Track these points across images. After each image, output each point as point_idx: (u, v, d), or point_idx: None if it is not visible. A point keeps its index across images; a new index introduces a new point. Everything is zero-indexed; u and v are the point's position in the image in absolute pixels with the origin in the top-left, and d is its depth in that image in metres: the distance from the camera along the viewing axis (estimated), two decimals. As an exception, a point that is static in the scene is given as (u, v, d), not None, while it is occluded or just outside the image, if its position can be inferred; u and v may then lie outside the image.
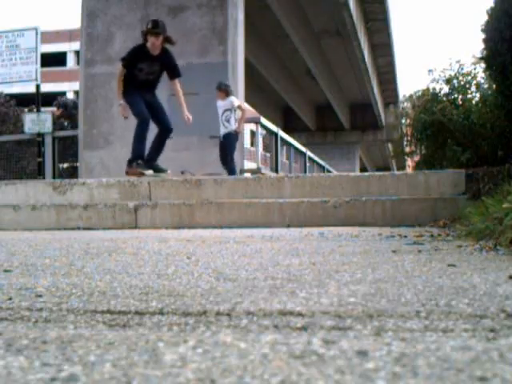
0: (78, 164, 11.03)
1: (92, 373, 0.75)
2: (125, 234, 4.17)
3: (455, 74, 7.70)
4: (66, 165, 12.40)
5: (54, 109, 24.93)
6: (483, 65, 6.27)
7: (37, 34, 9.92)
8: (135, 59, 6.43)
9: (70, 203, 5.63)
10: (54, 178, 10.05)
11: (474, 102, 7.44)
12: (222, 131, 8.76)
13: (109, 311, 1.19)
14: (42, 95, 10.40)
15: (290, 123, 34.15)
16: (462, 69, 7.69)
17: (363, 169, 46.00)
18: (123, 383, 0.71)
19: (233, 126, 8.66)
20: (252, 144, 11.74)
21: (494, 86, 5.90)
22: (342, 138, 36.65)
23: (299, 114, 32.80)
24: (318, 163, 18.78)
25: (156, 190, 5.77)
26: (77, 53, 34.43)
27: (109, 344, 0.91)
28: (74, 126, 19.29)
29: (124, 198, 5.80)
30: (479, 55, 6.03)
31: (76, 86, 17.77)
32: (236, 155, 10.46)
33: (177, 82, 6.80)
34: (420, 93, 8.25)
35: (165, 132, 6.73)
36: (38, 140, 10.15)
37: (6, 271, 1.91)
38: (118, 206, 5.41)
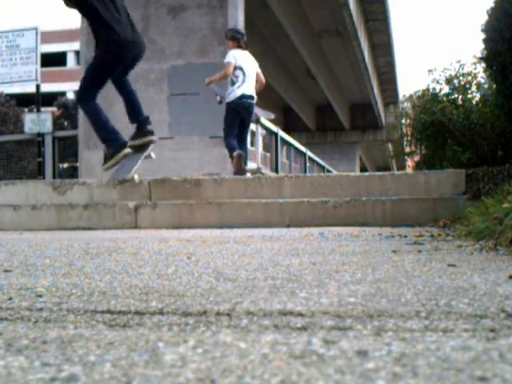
0: (77, 164, 11.04)
1: (92, 373, 0.75)
2: (125, 234, 4.17)
3: (456, 74, 7.70)
4: (66, 165, 12.40)
5: (54, 109, 24.95)
6: (483, 65, 6.28)
7: (37, 34, 9.92)
8: None
9: (70, 203, 5.63)
10: (54, 177, 10.05)
11: (474, 102, 7.45)
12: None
13: (109, 311, 1.19)
14: (42, 95, 10.40)
15: (290, 123, 34.17)
16: (463, 68, 7.70)
17: (363, 169, 46.01)
18: (123, 383, 0.71)
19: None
20: (252, 144, 11.74)
21: (494, 86, 5.91)
22: (342, 138, 36.68)
23: (299, 114, 32.82)
24: (318, 163, 18.78)
25: (156, 190, 5.77)
26: (77, 53, 34.47)
27: (109, 344, 0.91)
28: (74, 126, 19.30)
29: (124, 197, 5.80)
30: (479, 55, 6.04)
31: (76, 86, 17.77)
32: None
33: None
34: (420, 93, 8.26)
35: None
36: (37, 140, 10.15)
37: (6, 271, 1.91)
38: (117, 205, 5.41)
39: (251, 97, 6.65)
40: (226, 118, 6.73)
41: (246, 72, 6.59)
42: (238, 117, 6.65)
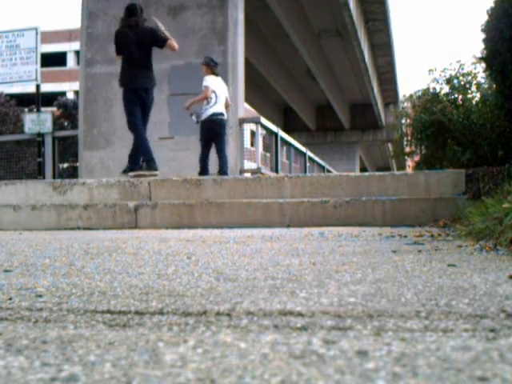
0: (78, 164, 11.03)
1: (92, 373, 0.75)
2: (125, 234, 4.17)
3: (456, 74, 7.70)
4: (65, 165, 12.38)
5: (54, 109, 24.95)
6: (483, 65, 6.27)
7: (37, 33, 9.92)
8: None
9: (70, 203, 5.63)
10: (54, 177, 10.05)
11: (474, 102, 7.45)
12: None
13: (109, 311, 1.19)
14: (42, 95, 10.40)
15: (290, 123, 34.15)
16: (463, 68, 7.69)
17: (363, 169, 45.98)
18: (123, 383, 0.71)
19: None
20: (252, 144, 11.73)
21: (494, 85, 5.90)
22: (342, 138, 36.65)
23: (299, 114, 32.80)
24: (318, 163, 18.76)
25: (156, 190, 5.77)
26: (77, 53, 34.44)
27: (109, 344, 0.91)
28: (74, 126, 19.30)
29: (124, 197, 5.80)
30: (479, 55, 6.03)
31: (76, 85, 17.75)
32: (236, 155, 10.47)
33: None
34: (420, 93, 8.25)
35: None
36: (38, 140, 10.15)
37: (6, 271, 1.91)
38: (118, 206, 5.41)
39: (221, 114, 7.95)
40: (201, 135, 8.02)
41: (218, 95, 7.90)
42: (210, 133, 7.93)
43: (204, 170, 7.99)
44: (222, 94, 7.97)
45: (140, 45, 6.77)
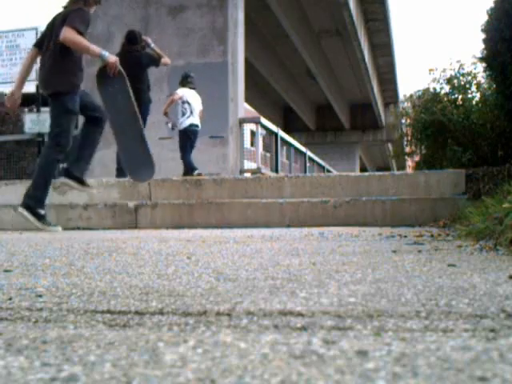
0: (77, 164, 10.99)
1: (92, 373, 0.75)
2: (125, 234, 4.17)
3: (456, 74, 7.71)
4: (66, 165, 12.38)
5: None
6: (484, 64, 6.27)
7: (37, 34, 9.91)
8: None
9: (70, 203, 5.63)
10: (54, 178, 10.03)
11: (474, 102, 7.45)
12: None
13: (109, 311, 1.19)
14: (42, 95, 10.39)
15: (290, 123, 34.17)
16: (463, 68, 7.70)
17: (363, 169, 45.99)
18: (123, 383, 0.71)
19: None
20: (252, 144, 11.73)
21: (494, 86, 5.91)
22: (342, 138, 36.66)
23: (299, 114, 32.81)
24: (318, 163, 18.78)
25: (156, 190, 5.78)
26: (77, 53, 34.33)
27: (109, 344, 0.91)
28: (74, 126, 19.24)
29: (124, 197, 5.81)
30: (479, 55, 6.03)
31: (76, 86, 17.69)
32: (236, 155, 10.47)
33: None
34: (420, 93, 8.26)
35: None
36: (37, 140, 10.14)
37: (6, 271, 1.91)
38: (117, 205, 5.42)
39: (197, 125, 8.75)
40: (180, 142, 8.72)
41: (192, 106, 8.64)
42: (189, 139, 8.70)
43: (191, 168, 8.50)
44: (195, 105, 8.68)
45: (137, 66, 7.17)
